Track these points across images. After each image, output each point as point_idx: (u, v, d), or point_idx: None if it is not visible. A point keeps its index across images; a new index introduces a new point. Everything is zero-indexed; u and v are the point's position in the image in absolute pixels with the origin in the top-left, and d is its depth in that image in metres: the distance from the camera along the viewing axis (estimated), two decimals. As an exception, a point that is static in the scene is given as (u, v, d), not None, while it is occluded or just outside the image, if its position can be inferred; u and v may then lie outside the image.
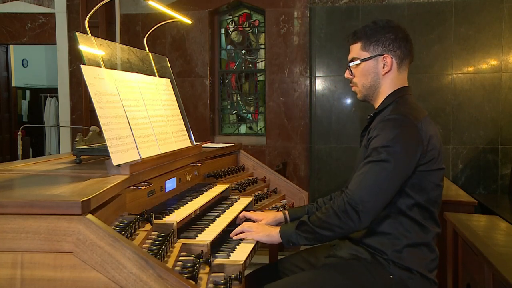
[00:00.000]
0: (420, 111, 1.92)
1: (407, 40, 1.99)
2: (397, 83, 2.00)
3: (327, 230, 1.81)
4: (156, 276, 1.26)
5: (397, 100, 1.96)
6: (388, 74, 1.98)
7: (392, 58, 1.97)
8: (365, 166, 1.80)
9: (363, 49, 2.00)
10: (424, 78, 5.85)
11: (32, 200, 1.30)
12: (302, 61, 6.17)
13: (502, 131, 5.70)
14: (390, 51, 1.96)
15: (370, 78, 1.99)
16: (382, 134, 1.81)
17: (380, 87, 2.00)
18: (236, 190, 2.71)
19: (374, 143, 1.82)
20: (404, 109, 1.88)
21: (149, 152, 2.01)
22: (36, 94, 10.44)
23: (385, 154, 1.77)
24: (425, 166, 1.83)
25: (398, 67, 1.99)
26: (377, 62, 1.98)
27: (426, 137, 1.83)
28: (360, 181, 1.78)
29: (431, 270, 1.89)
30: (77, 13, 6.34)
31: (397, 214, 1.84)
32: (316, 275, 1.91)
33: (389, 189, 1.78)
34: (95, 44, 2.03)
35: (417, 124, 1.82)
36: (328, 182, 6.03)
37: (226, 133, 6.79)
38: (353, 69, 2.03)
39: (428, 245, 1.88)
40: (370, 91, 2.02)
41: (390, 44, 1.96)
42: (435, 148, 1.86)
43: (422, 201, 1.85)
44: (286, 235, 1.92)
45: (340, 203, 1.78)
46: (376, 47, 1.97)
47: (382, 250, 1.85)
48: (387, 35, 1.96)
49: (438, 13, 5.79)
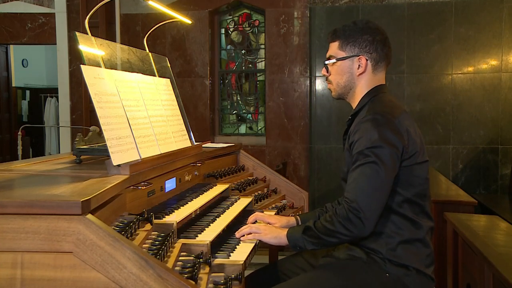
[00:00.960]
0: (397, 107, 1.94)
1: (384, 43, 2.01)
2: (373, 84, 2.02)
3: (333, 237, 1.83)
4: (156, 276, 1.26)
5: (372, 99, 1.98)
6: (362, 75, 2.01)
7: (367, 60, 1.99)
8: (356, 171, 1.82)
9: (340, 48, 2.02)
10: (424, 78, 5.85)
11: (32, 200, 1.30)
12: (302, 61, 6.17)
13: (502, 131, 5.70)
14: (366, 53, 1.99)
15: (345, 77, 2.02)
16: (363, 136, 1.83)
17: (355, 87, 2.02)
18: (236, 190, 2.71)
19: (358, 147, 1.83)
20: (379, 108, 1.91)
21: (149, 152, 2.01)
22: (36, 94, 10.44)
23: (373, 156, 1.78)
24: (408, 161, 1.85)
25: (373, 69, 2.01)
26: (353, 62, 2.00)
27: (405, 132, 1.85)
28: (355, 188, 1.79)
29: (428, 265, 1.90)
30: (77, 13, 6.34)
31: (388, 212, 1.86)
32: (312, 278, 1.91)
33: (384, 189, 1.80)
34: (95, 44, 2.03)
35: (394, 120, 1.85)
36: (328, 182, 6.03)
37: (226, 133, 6.79)
38: (330, 67, 2.06)
39: (422, 240, 1.89)
40: (344, 90, 2.05)
41: (366, 46, 1.98)
42: (415, 142, 1.88)
43: (411, 196, 1.87)
44: (293, 239, 1.92)
45: (342, 211, 1.79)
46: (353, 48, 1.99)
47: (377, 250, 1.86)
48: (364, 36, 1.98)
49: (438, 13, 5.79)
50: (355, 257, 1.90)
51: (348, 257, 1.92)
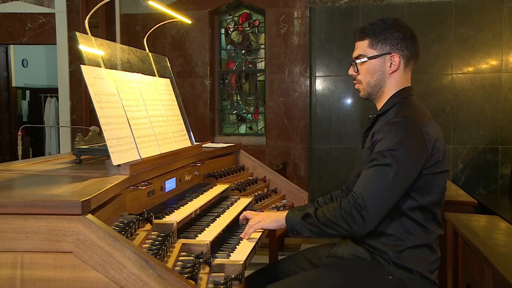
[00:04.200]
0: (425, 113, 1.91)
1: (414, 40, 1.98)
2: (402, 83, 1.98)
3: (332, 229, 1.82)
4: (156, 276, 1.26)
5: (401, 101, 1.94)
6: (394, 73, 1.96)
7: (399, 58, 1.95)
8: (370, 169, 1.79)
9: (370, 47, 1.96)
10: (424, 78, 5.85)
11: (32, 200, 1.30)
12: (302, 61, 6.17)
13: (502, 131, 5.70)
14: (398, 50, 1.94)
15: (376, 76, 1.97)
16: (387, 137, 1.80)
17: (385, 86, 1.98)
18: (236, 190, 2.71)
19: (379, 146, 1.81)
20: (408, 112, 1.87)
21: (149, 152, 2.01)
22: (36, 94, 10.44)
23: (390, 158, 1.76)
24: (429, 169, 1.82)
25: (405, 66, 1.97)
26: (385, 60, 1.95)
27: (431, 140, 1.82)
28: (366, 185, 1.78)
29: (432, 271, 1.88)
30: (77, 13, 6.34)
31: (400, 215, 1.84)
32: (314, 276, 1.90)
33: (394, 194, 1.78)
34: (95, 44, 2.03)
35: (422, 127, 1.82)
36: (328, 182, 6.03)
37: (226, 133, 6.79)
38: (359, 66, 2.00)
39: (430, 246, 1.87)
40: (374, 90, 1.99)
41: (398, 43, 1.94)
42: (439, 151, 1.85)
43: (425, 203, 1.84)
44: (292, 222, 1.93)
45: (347, 205, 1.77)
46: (384, 46, 1.94)
47: (384, 251, 1.85)
48: (395, 34, 1.94)
49: (438, 13, 5.79)
50: (359, 258, 1.90)
51: (352, 257, 1.91)
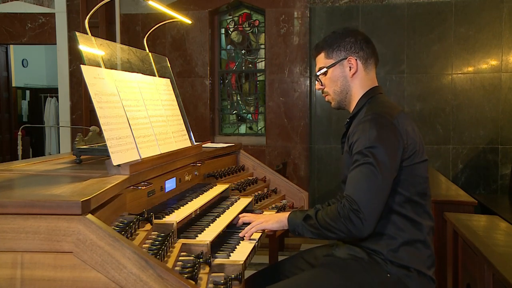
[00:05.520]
0: (394, 107, 1.96)
1: (367, 41, 2.05)
2: (367, 83, 2.04)
3: (332, 232, 1.84)
4: (156, 276, 1.26)
5: (369, 101, 2.00)
6: (355, 75, 2.03)
7: (356, 60, 2.02)
8: (355, 171, 1.82)
9: (327, 57, 2.05)
10: (424, 78, 5.85)
11: (32, 200, 1.30)
12: (302, 61, 6.17)
13: (502, 131, 5.71)
14: (353, 53, 2.02)
15: (340, 83, 2.04)
16: (362, 136, 1.84)
17: (351, 90, 2.04)
18: (236, 190, 2.71)
19: (357, 147, 1.84)
20: (377, 108, 1.92)
21: (149, 152, 2.01)
22: (36, 94, 10.45)
23: (371, 155, 1.79)
24: (408, 160, 1.87)
25: (364, 67, 2.03)
26: (343, 66, 2.03)
27: (404, 132, 1.87)
28: (355, 187, 1.80)
29: (429, 267, 1.91)
30: (77, 13, 6.34)
31: (389, 213, 1.86)
32: (313, 275, 1.92)
33: (384, 189, 1.80)
34: (95, 44, 2.03)
35: (392, 120, 1.86)
36: (328, 182, 6.03)
37: (226, 133, 6.80)
38: (322, 78, 2.08)
39: (424, 242, 1.90)
40: (342, 96, 2.06)
41: (351, 46, 2.02)
42: (414, 142, 1.89)
43: (412, 195, 1.88)
44: (294, 223, 1.97)
45: (344, 211, 1.79)
46: (339, 52, 2.03)
47: (378, 251, 1.87)
48: (347, 39, 2.02)
49: (438, 13, 5.79)
50: (356, 257, 1.91)
51: (350, 257, 1.93)
